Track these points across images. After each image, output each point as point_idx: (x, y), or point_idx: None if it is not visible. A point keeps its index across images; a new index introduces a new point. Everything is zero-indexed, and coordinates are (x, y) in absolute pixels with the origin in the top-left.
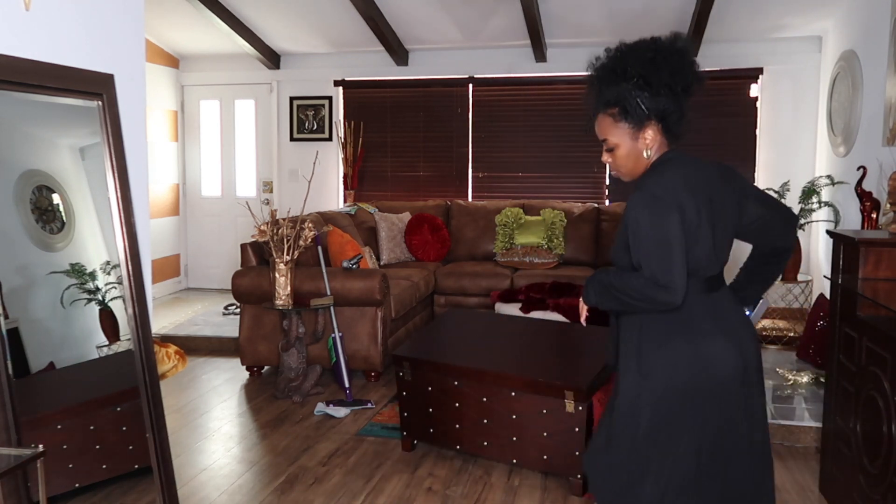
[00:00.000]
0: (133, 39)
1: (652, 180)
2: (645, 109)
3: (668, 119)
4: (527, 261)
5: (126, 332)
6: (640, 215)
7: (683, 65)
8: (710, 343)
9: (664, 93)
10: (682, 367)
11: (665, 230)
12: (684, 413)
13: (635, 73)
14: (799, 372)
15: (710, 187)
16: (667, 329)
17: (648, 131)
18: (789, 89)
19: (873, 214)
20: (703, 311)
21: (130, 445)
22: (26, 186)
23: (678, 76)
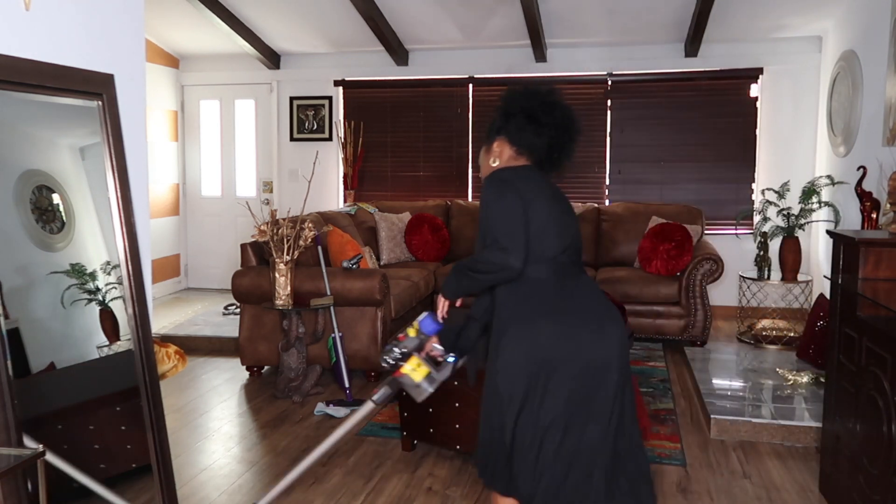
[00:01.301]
0: (133, 39)
1: (495, 174)
2: (495, 126)
3: (512, 137)
4: None
5: (126, 332)
6: (487, 194)
7: (531, 96)
8: (545, 326)
9: (513, 112)
10: (520, 347)
11: (506, 204)
12: (536, 385)
13: (501, 101)
14: (799, 372)
15: (555, 192)
16: (516, 312)
17: (495, 144)
18: (789, 89)
19: (873, 214)
20: (553, 296)
21: (129, 445)
22: (26, 186)
23: (522, 102)
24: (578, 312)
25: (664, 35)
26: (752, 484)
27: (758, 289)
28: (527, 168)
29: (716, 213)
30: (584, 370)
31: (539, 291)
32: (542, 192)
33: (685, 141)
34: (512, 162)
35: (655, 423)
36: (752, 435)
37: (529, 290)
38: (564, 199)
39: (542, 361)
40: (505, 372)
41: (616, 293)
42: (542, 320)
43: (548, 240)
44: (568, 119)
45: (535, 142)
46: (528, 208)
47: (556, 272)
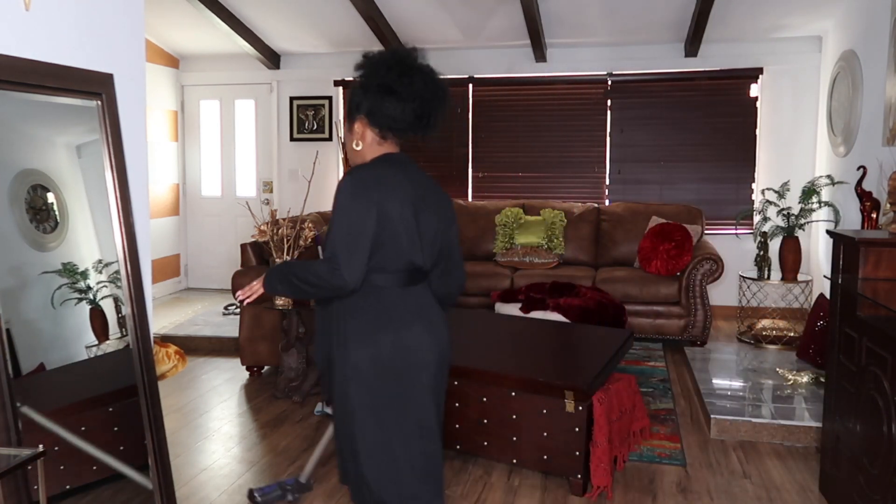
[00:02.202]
0: (133, 39)
1: (358, 173)
2: (355, 102)
3: (372, 115)
4: (527, 261)
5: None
6: (340, 195)
7: (390, 66)
8: (410, 332)
9: (371, 88)
10: (385, 354)
11: (355, 213)
12: (389, 393)
13: (359, 72)
14: (799, 372)
15: (420, 192)
16: (371, 320)
17: (357, 123)
18: (789, 89)
19: (873, 214)
20: (403, 304)
21: (122, 446)
22: (22, 186)
23: (381, 74)
24: (419, 319)
25: (664, 35)
26: (752, 484)
27: (758, 289)
28: (392, 163)
29: (716, 213)
30: (434, 374)
31: (381, 301)
32: (404, 197)
33: (685, 141)
34: (375, 146)
35: (655, 423)
36: (752, 435)
37: (372, 300)
38: (435, 198)
39: (387, 370)
40: (354, 381)
41: (616, 293)
42: (383, 333)
43: (397, 250)
44: (432, 85)
45: (397, 118)
46: (383, 217)
47: (400, 281)
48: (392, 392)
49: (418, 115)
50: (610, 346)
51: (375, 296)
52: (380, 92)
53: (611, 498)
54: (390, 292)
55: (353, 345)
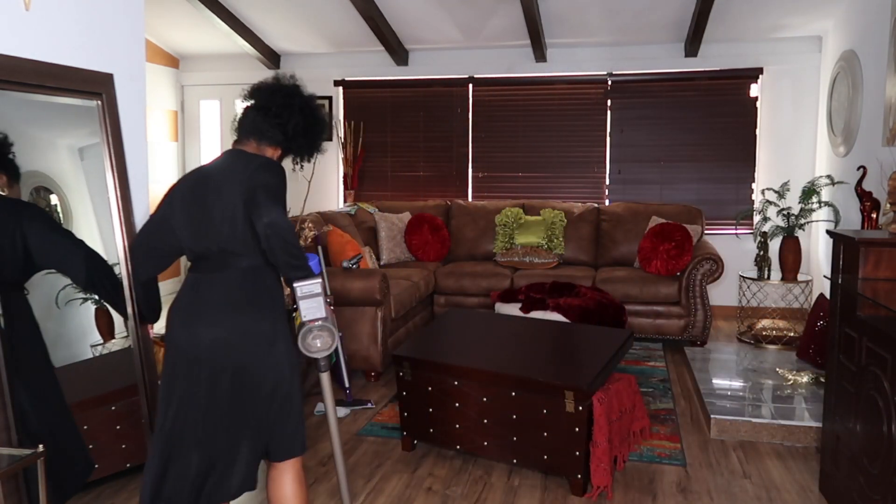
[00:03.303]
0: (133, 39)
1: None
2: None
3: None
4: (527, 261)
5: (121, 330)
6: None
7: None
8: (176, 318)
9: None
10: (168, 336)
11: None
12: (168, 373)
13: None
14: (799, 372)
15: (206, 182)
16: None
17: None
18: (789, 89)
19: (873, 214)
20: (187, 290)
21: (123, 444)
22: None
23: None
24: (201, 308)
25: (664, 35)
26: (752, 484)
27: (758, 289)
28: (219, 161)
29: (716, 213)
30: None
31: (181, 290)
32: (190, 190)
33: (685, 141)
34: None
35: (655, 423)
36: (752, 435)
37: (182, 287)
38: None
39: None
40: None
41: (616, 293)
42: (172, 317)
43: (194, 251)
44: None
45: (256, 127)
46: (176, 213)
47: (196, 272)
48: (169, 372)
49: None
50: (610, 346)
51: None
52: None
53: (611, 498)
54: (188, 278)
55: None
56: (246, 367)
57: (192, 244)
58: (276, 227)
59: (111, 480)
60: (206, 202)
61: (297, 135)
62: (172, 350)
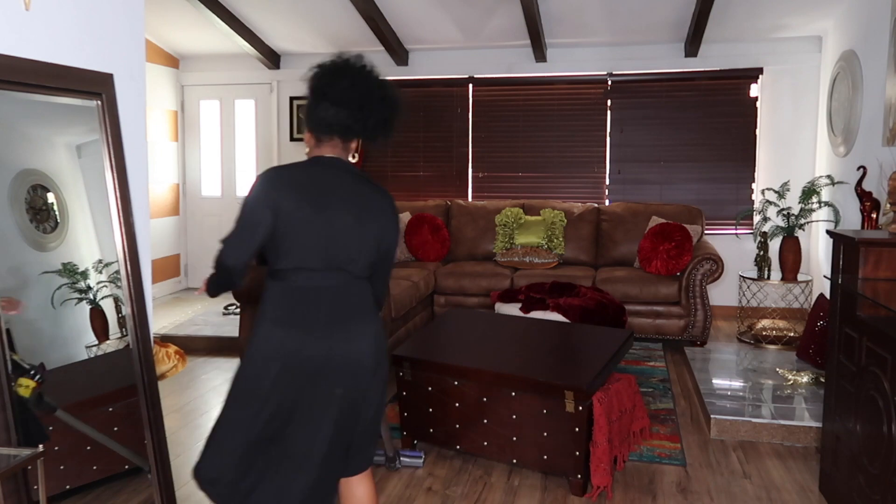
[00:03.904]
0: (133, 39)
1: (267, 171)
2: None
3: (308, 120)
4: (527, 261)
5: (115, 331)
6: (250, 188)
7: (313, 74)
8: (265, 330)
9: (307, 96)
10: (258, 346)
11: (248, 208)
12: (257, 382)
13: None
14: (799, 372)
15: (331, 193)
16: (260, 312)
17: (306, 132)
18: (789, 89)
19: (873, 214)
20: (282, 300)
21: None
22: (22, 186)
23: (309, 83)
24: (309, 320)
25: (664, 35)
26: (752, 484)
27: (758, 289)
28: (311, 165)
29: (716, 213)
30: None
31: (276, 296)
32: (308, 197)
33: (685, 141)
34: (313, 149)
35: (655, 423)
36: (752, 435)
37: (272, 293)
38: (354, 207)
39: (268, 363)
40: (247, 364)
41: (616, 293)
42: (269, 324)
43: (295, 249)
44: (363, 88)
45: (328, 121)
46: (277, 213)
47: (298, 280)
48: (259, 382)
49: (355, 118)
50: (610, 346)
51: (272, 290)
52: (313, 97)
53: (611, 498)
54: (277, 287)
55: (254, 330)
56: (360, 389)
57: (304, 254)
58: (393, 258)
59: (110, 481)
60: (331, 217)
61: (378, 126)
62: (275, 356)
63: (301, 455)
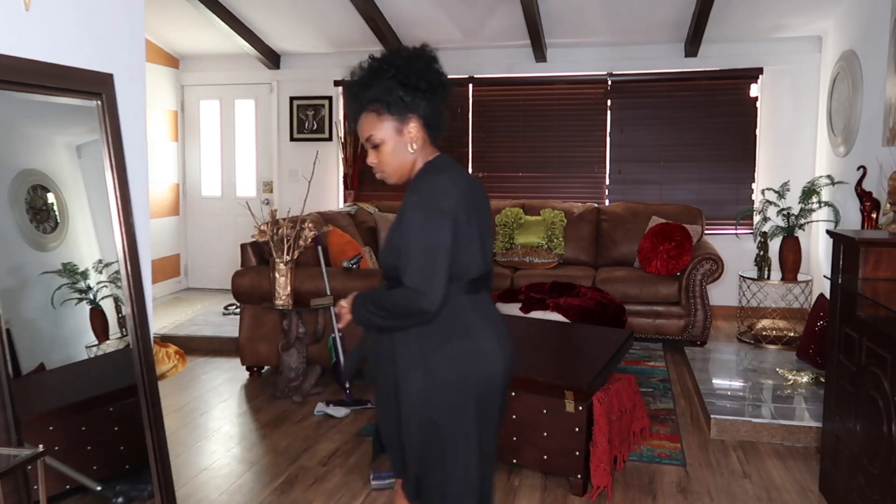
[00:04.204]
0: (133, 39)
1: (427, 183)
2: (405, 102)
3: (428, 117)
4: (527, 261)
5: (115, 331)
6: (415, 218)
7: (430, 66)
8: (485, 341)
9: (422, 87)
10: (461, 363)
11: (434, 235)
12: (467, 405)
13: (392, 70)
14: (799, 372)
15: (477, 196)
16: (445, 330)
17: (412, 124)
18: (789, 89)
19: (873, 214)
20: (473, 312)
21: (122, 446)
22: (22, 186)
23: (427, 75)
24: (495, 328)
25: (664, 35)
26: (752, 484)
27: (758, 289)
28: (453, 166)
29: (716, 213)
30: (502, 386)
31: (479, 311)
32: (469, 199)
33: (685, 141)
34: (428, 149)
35: (655, 423)
36: (752, 435)
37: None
38: (482, 194)
39: (463, 378)
40: (435, 392)
41: (616, 293)
42: (457, 339)
43: (474, 260)
44: (442, 79)
45: (444, 119)
46: (459, 229)
47: (468, 290)
48: (470, 401)
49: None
50: (610, 346)
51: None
52: (434, 92)
53: (611, 498)
54: (460, 301)
55: (429, 356)
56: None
57: (482, 263)
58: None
59: (110, 482)
60: (486, 222)
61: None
62: (497, 372)
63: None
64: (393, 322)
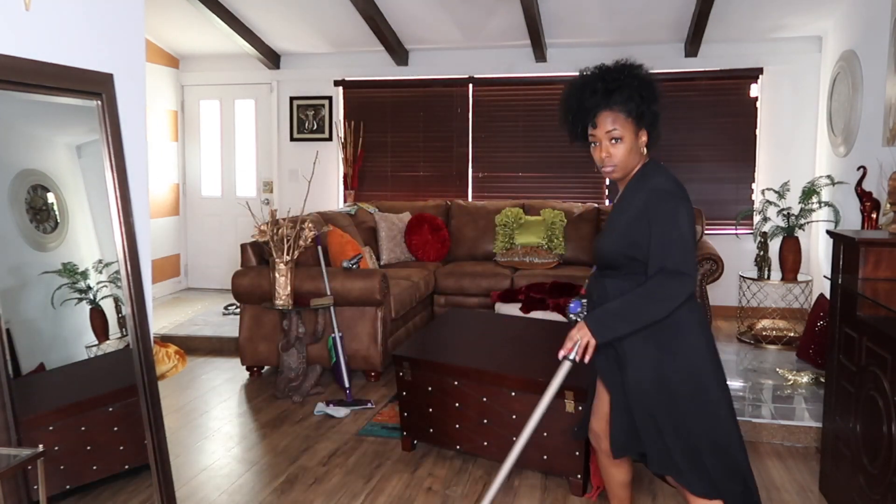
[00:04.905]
0: (133, 39)
1: (666, 179)
2: (647, 112)
3: (652, 127)
4: (527, 261)
5: (115, 331)
6: (678, 210)
7: (659, 90)
8: (706, 326)
9: (654, 102)
10: (703, 346)
11: (692, 225)
12: (712, 381)
13: (636, 81)
14: (799, 372)
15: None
16: (681, 316)
17: (644, 131)
18: (789, 89)
19: (873, 214)
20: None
21: (121, 446)
22: (22, 186)
23: (660, 97)
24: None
25: (664, 35)
26: None
27: (758, 289)
28: (664, 168)
29: (716, 213)
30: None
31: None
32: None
33: (685, 141)
34: (647, 153)
35: None
36: (752, 435)
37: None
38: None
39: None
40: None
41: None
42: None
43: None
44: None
45: (659, 135)
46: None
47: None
48: (713, 379)
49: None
50: None
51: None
52: (657, 108)
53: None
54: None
55: (668, 342)
56: None
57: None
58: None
59: (109, 482)
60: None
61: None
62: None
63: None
64: (656, 312)
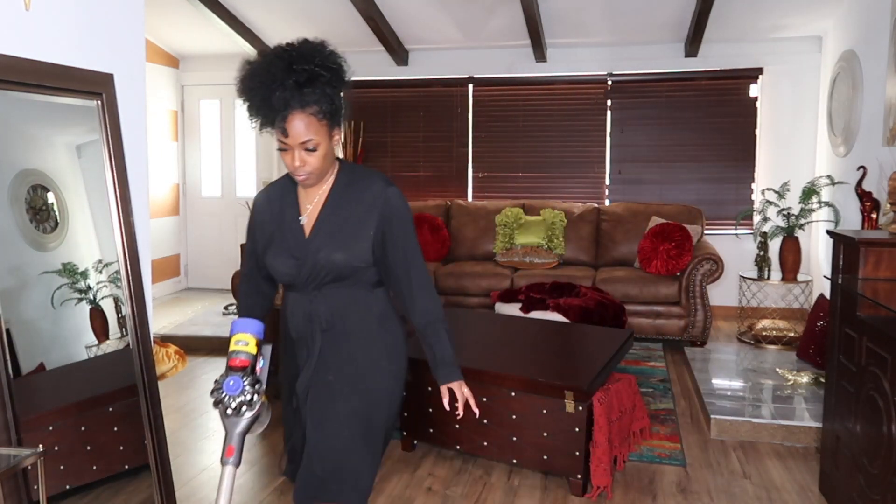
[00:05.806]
0: (133, 39)
1: (384, 181)
2: (342, 108)
3: (342, 121)
4: (527, 261)
5: (115, 331)
6: (407, 209)
7: (343, 71)
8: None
9: (344, 90)
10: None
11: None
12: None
13: (328, 72)
14: (799, 372)
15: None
16: (401, 331)
17: (338, 129)
18: (789, 89)
19: (873, 214)
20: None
21: (121, 446)
22: (22, 186)
23: (343, 80)
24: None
25: (664, 35)
26: (752, 484)
27: (758, 289)
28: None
29: (716, 213)
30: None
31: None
32: None
33: (685, 141)
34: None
35: (655, 424)
36: (752, 435)
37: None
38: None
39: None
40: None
41: (616, 293)
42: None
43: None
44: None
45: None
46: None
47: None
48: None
49: None
50: (610, 346)
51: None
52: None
53: (611, 498)
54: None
55: (396, 360)
56: None
57: None
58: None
59: (109, 482)
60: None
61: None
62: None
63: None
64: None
